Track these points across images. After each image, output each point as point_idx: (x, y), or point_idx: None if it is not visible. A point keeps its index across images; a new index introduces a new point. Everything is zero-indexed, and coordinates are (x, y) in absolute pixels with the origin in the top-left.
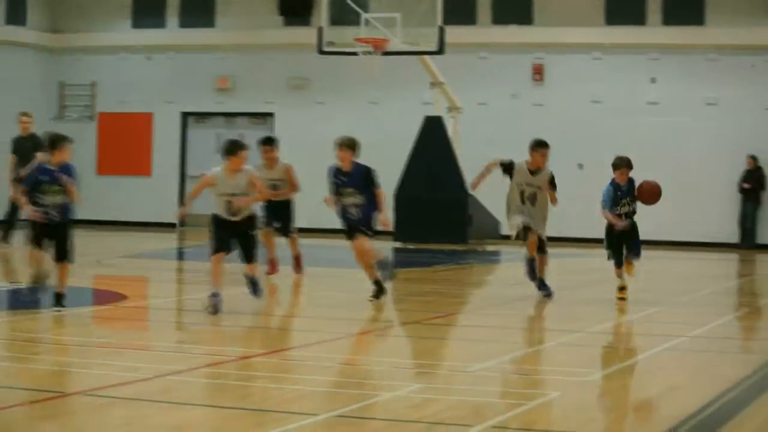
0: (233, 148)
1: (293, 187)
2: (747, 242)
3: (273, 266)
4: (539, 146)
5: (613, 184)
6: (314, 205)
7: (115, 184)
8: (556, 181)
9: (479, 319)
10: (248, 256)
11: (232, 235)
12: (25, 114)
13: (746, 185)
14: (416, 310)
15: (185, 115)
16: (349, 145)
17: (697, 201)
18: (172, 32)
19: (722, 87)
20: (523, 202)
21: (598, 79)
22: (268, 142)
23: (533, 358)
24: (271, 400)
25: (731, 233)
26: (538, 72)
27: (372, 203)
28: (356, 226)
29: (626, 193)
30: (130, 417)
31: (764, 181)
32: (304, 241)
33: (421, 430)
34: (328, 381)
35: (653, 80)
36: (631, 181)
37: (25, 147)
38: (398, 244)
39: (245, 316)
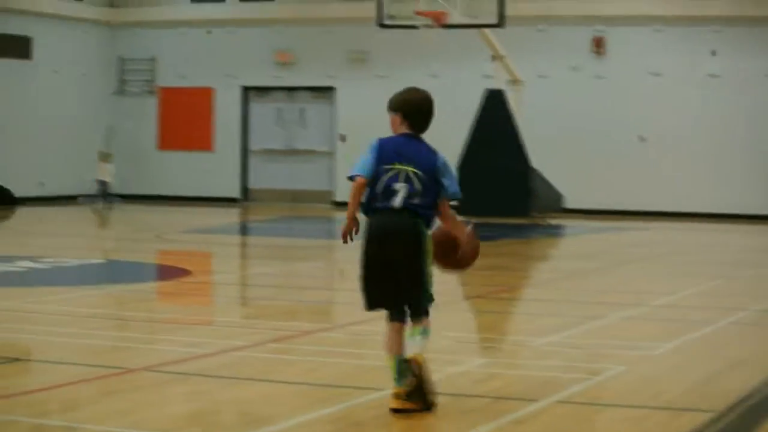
0: None
1: None
2: None
3: None
4: None
5: None
6: None
7: (177, 159)
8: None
9: (543, 293)
10: None
11: None
12: None
13: None
14: (480, 284)
15: (246, 90)
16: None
17: (759, 174)
18: (231, 6)
19: None
20: None
21: (659, 51)
22: None
23: (598, 332)
24: (336, 375)
25: None
26: (599, 44)
27: None
28: None
29: None
30: (193, 392)
31: None
32: None
33: (485, 404)
34: None
35: (714, 53)
36: None
37: None
38: (461, 218)
39: (310, 291)
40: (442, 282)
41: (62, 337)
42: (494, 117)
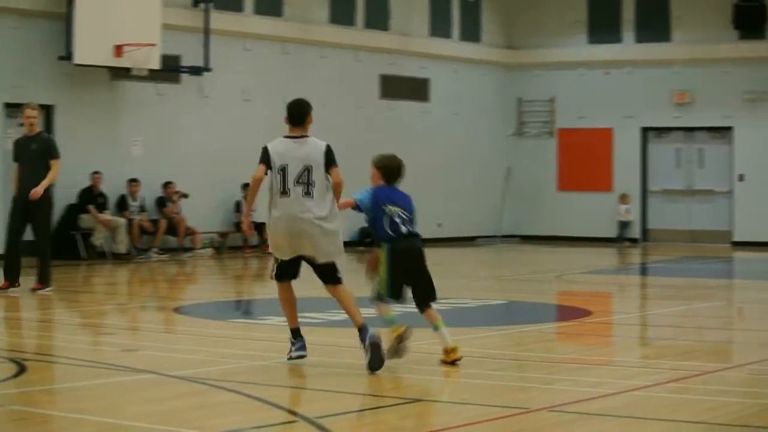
0: None
1: None
2: None
3: None
4: None
5: None
6: None
7: (576, 199)
8: None
9: None
10: None
11: None
12: (29, 106)
13: None
14: None
15: (645, 130)
16: None
17: None
18: (628, 47)
19: None
20: None
21: None
22: None
23: None
24: (735, 414)
25: None
26: None
27: None
28: None
29: None
30: None
31: None
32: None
33: None
34: None
35: None
36: None
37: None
38: None
39: (709, 330)
40: None
41: (463, 378)
42: None
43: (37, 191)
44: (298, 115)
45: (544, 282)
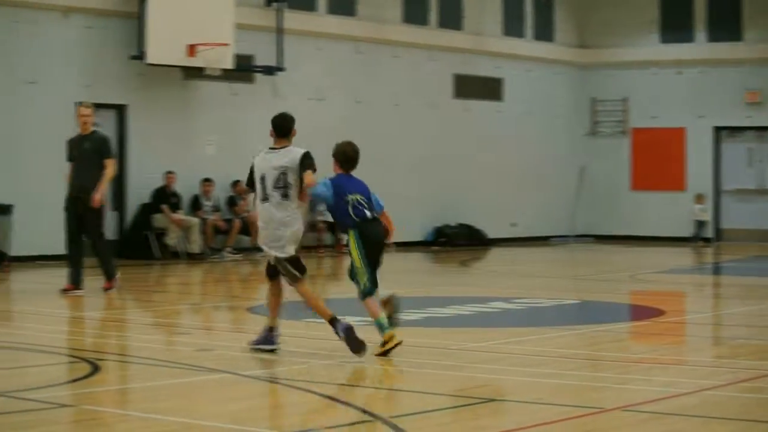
0: None
1: None
2: None
3: None
4: None
5: None
6: None
7: (649, 199)
8: None
9: None
10: None
11: None
12: (83, 104)
13: None
14: None
15: (717, 130)
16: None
17: None
18: (700, 46)
19: None
20: None
21: None
22: None
23: None
24: None
25: None
26: None
27: None
28: None
29: None
30: None
31: None
32: None
33: None
34: None
35: None
36: None
37: (83, 150)
38: None
39: None
40: None
41: (537, 377)
42: None
43: (97, 199)
44: (281, 128)
45: (618, 282)
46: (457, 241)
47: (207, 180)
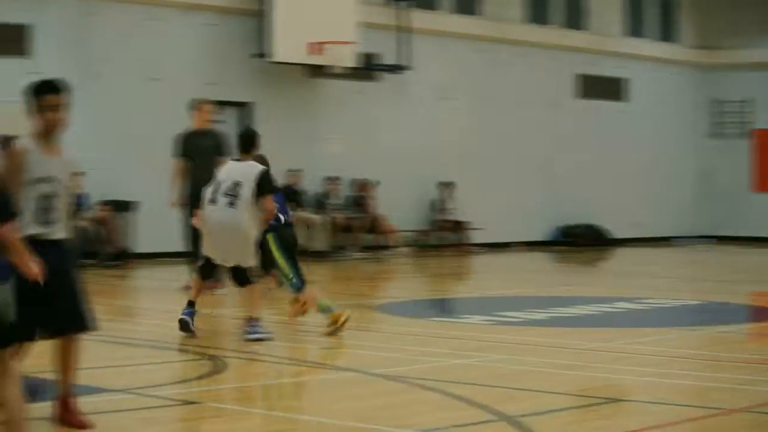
0: None
1: None
2: None
3: None
4: None
5: None
6: None
7: None
8: None
9: None
10: None
11: None
12: (208, 101)
13: None
14: None
15: None
16: None
17: None
18: None
19: None
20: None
21: None
22: None
23: None
24: None
25: None
26: None
27: None
28: None
29: None
30: None
31: None
32: None
33: None
34: None
35: None
36: None
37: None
38: None
39: None
40: None
41: (659, 378)
42: None
43: None
44: (244, 143)
45: (741, 282)
46: (582, 241)
47: (332, 178)
